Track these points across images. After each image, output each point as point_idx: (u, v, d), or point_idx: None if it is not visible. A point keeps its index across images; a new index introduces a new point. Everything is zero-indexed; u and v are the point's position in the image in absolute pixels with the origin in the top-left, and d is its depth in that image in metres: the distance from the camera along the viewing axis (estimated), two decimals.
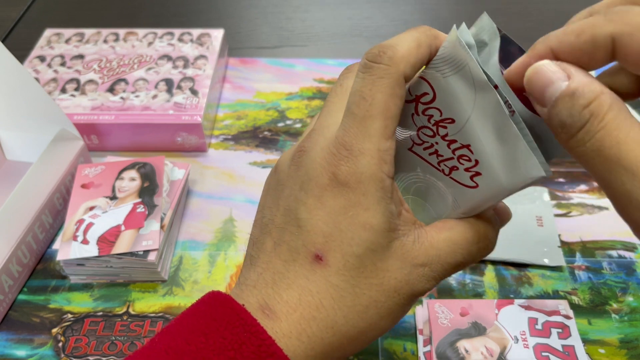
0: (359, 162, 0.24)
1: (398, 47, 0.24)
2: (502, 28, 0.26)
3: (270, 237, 0.27)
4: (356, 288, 0.25)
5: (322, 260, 0.25)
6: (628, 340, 0.40)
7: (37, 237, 0.45)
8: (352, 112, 0.25)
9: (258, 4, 0.77)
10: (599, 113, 0.20)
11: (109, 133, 0.54)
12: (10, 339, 0.41)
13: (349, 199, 0.25)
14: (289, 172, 0.27)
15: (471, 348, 0.39)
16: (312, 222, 0.25)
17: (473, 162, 0.25)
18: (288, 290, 0.25)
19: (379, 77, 0.24)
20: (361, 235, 0.25)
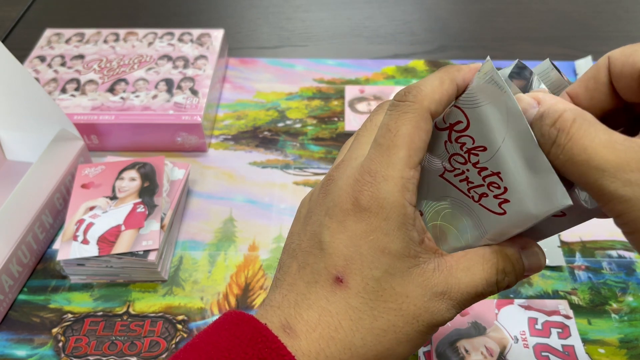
0: (381, 188, 0.26)
1: (422, 86, 0.26)
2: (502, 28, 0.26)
3: (296, 260, 0.28)
4: (374, 311, 0.26)
5: (342, 282, 0.26)
6: (628, 340, 0.40)
7: (37, 237, 0.45)
8: (378, 143, 0.26)
9: (258, 4, 0.77)
10: (565, 127, 0.23)
11: (109, 133, 0.54)
12: (11, 339, 0.41)
13: (371, 223, 0.26)
14: (317, 199, 0.28)
15: (471, 348, 0.39)
16: (334, 245, 0.26)
17: (502, 190, 0.26)
18: (309, 311, 0.26)
19: (403, 112, 0.26)
20: (380, 259, 0.26)
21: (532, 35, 0.70)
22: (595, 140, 0.22)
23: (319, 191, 0.29)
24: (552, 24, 0.72)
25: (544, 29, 0.71)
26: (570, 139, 0.23)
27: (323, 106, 0.60)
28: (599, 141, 0.22)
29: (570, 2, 0.76)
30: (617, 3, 0.76)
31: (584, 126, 0.23)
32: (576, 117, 0.23)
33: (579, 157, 0.22)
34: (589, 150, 0.22)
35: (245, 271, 0.45)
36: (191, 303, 0.43)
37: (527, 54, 0.66)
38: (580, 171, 0.22)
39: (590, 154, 0.22)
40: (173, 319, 0.42)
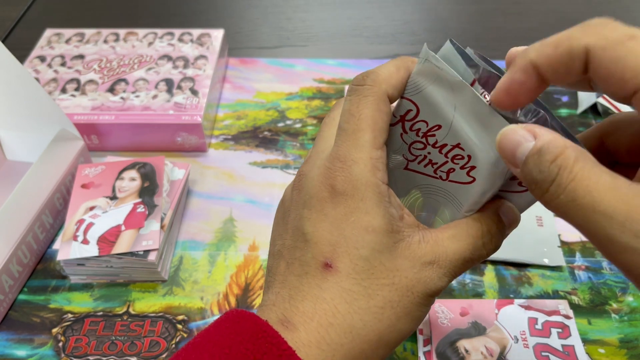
0: (353, 170, 0.26)
1: (379, 71, 0.27)
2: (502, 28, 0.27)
3: (283, 259, 0.28)
4: (368, 289, 0.26)
5: (331, 267, 0.26)
6: (628, 340, 0.40)
7: (37, 237, 0.45)
8: (343, 129, 0.27)
9: (258, 4, 0.77)
10: (567, 165, 0.21)
11: (109, 133, 0.54)
12: (11, 339, 0.41)
13: (349, 205, 0.26)
14: (291, 197, 0.29)
15: (471, 348, 0.39)
16: (318, 234, 0.26)
17: (466, 158, 0.27)
18: (303, 302, 0.26)
19: (364, 96, 0.27)
20: (365, 238, 0.26)
21: (532, 35, 0.70)
22: (600, 182, 0.21)
23: (291, 190, 0.29)
24: (552, 24, 0.72)
25: (544, 29, 0.71)
26: (574, 178, 0.21)
27: (323, 106, 0.60)
28: (604, 184, 0.21)
29: (570, 2, 0.76)
30: (617, 3, 0.76)
31: (588, 166, 0.21)
32: (579, 155, 0.21)
33: (584, 199, 0.21)
34: (594, 193, 0.21)
35: (245, 271, 0.45)
36: (191, 303, 0.43)
37: None
38: (584, 216, 0.21)
39: (596, 197, 0.20)
40: (173, 319, 0.42)
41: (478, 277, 0.44)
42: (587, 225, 0.21)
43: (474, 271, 0.44)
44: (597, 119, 0.58)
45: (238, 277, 0.45)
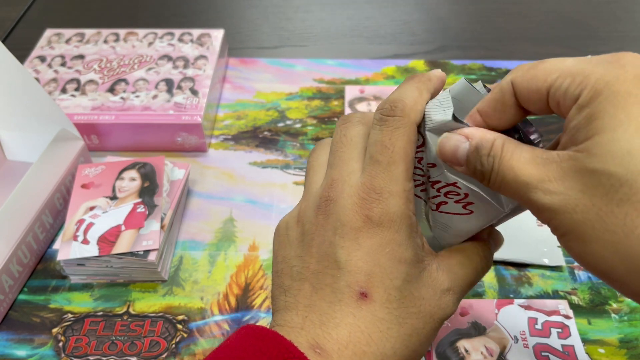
0: (390, 203, 0.27)
1: (405, 99, 0.28)
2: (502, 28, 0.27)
3: (307, 282, 0.28)
4: (399, 318, 0.27)
5: (367, 297, 0.27)
6: (628, 340, 0.40)
7: (37, 237, 0.45)
8: (376, 160, 0.28)
9: (258, 4, 0.77)
10: (497, 154, 0.25)
11: (109, 133, 0.54)
12: (11, 339, 0.41)
13: (384, 237, 0.27)
14: (316, 221, 0.29)
15: (471, 348, 0.39)
16: (352, 263, 0.27)
17: (462, 195, 0.28)
18: (337, 329, 0.26)
19: (395, 128, 0.28)
20: (399, 269, 0.27)
21: (532, 35, 0.70)
22: (520, 159, 0.25)
23: (315, 213, 0.29)
24: (552, 24, 0.72)
25: (544, 29, 0.71)
26: (501, 161, 0.25)
27: (323, 106, 0.60)
28: (524, 159, 0.25)
29: (570, 2, 0.76)
30: (617, 3, 0.76)
31: (511, 148, 0.25)
32: (504, 142, 0.25)
33: (509, 176, 0.25)
34: (515, 168, 0.25)
35: (246, 271, 0.45)
36: (191, 303, 0.43)
37: (527, 54, 0.66)
38: (513, 189, 0.25)
39: (517, 171, 0.25)
40: (173, 319, 0.42)
41: None
42: (516, 196, 0.25)
43: None
44: None
45: (238, 277, 0.45)
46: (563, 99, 0.24)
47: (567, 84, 0.24)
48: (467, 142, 0.26)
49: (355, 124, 0.30)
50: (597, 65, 0.24)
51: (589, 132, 0.23)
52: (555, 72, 0.25)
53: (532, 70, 0.25)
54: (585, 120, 0.23)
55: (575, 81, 0.24)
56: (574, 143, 0.23)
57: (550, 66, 0.25)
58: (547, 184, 0.24)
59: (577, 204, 0.23)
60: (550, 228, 0.25)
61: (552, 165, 0.24)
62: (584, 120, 0.23)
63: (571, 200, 0.23)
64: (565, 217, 0.23)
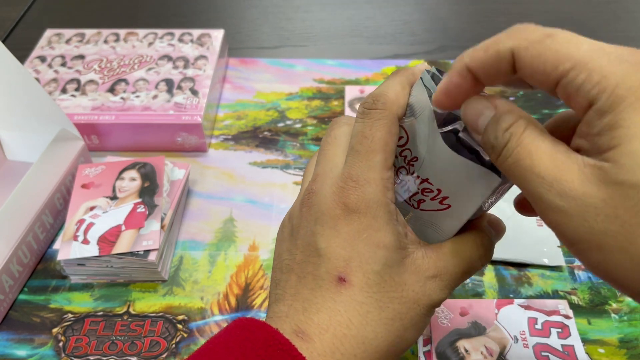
0: (366, 190, 0.28)
1: (388, 93, 0.28)
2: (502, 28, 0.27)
3: (293, 273, 0.29)
4: (380, 302, 0.27)
5: (345, 281, 0.27)
6: (628, 340, 0.40)
7: (37, 237, 0.45)
8: (356, 150, 0.28)
9: (258, 4, 0.77)
10: (517, 133, 0.24)
11: (109, 133, 0.54)
12: (11, 339, 0.41)
13: (361, 222, 0.27)
14: (300, 214, 0.30)
15: (471, 348, 0.39)
16: (331, 250, 0.28)
17: (436, 191, 0.29)
18: (318, 314, 0.27)
19: (376, 120, 0.28)
20: (377, 253, 0.27)
21: None
22: (540, 148, 0.23)
23: (300, 207, 0.30)
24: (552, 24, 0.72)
25: None
26: (520, 143, 0.24)
27: (323, 106, 0.60)
28: (544, 149, 0.23)
29: (570, 2, 0.76)
30: (617, 3, 0.76)
31: (534, 134, 0.24)
32: (528, 124, 0.24)
33: (524, 161, 0.23)
34: (533, 156, 0.23)
35: (246, 271, 0.45)
36: (191, 303, 0.43)
37: None
38: (524, 175, 0.24)
39: (535, 160, 0.23)
40: (173, 318, 0.42)
41: (478, 277, 0.44)
42: (524, 184, 0.24)
43: None
44: None
45: (238, 277, 0.45)
46: (576, 94, 0.23)
47: (582, 80, 0.22)
48: (493, 110, 0.25)
49: (341, 124, 0.31)
50: (617, 64, 0.23)
51: (613, 140, 0.22)
52: (568, 60, 0.23)
53: (540, 47, 0.24)
54: (608, 128, 0.22)
55: (592, 79, 0.22)
56: (596, 150, 0.22)
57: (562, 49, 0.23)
58: (564, 184, 0.22)
59: (598, 213, 0.22)
60: (557, 233, 0.24)
61: (573, 167, 0.22)
62: (606, 128, 0.22)
63: (591, 209, 0.22)
64: (581, 225, 0.22)
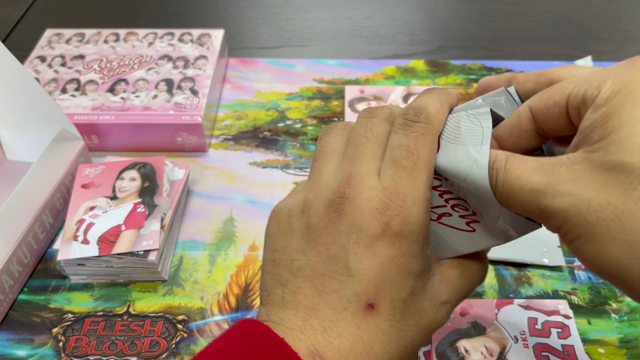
0: (412, 212, 0.26)
1: (429, 108, 0.28)
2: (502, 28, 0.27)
3: (309, 282, 0.27)
4: (400, 331, 0.27)
5: (373, 308, 0.26)
6: (628, 340, 0.40)
7: (37, 237, 0.45)
8: (401, 165, 0.27)
9: (258, 4, 0.77)
10: (501, 166, 0.25)
11: (109, 133, 0.54)
12: (11, 339, 0.41)
13: (401, 248, 0.26)
14: (327, 217, 0.27)
15: (471, 348, 0.39)
16: (364, 272, 0.26)
17: (470, 212, 0.28)
18: (339, 338, 0.25)
19: (420, 134, 0.27)
20: (407, 282, 0.26)
21: (532, 35, 0.70)
22: (526, 167, 0.24)
23: (326, 209, 0.27)
24: (552, 24, 0.72)
25: (544, 29, 0.71)
26: (507, 173, 0.25)
27: (323, 106, 0.60)
28: (530, 167, 0.24)
29: (570, 2, 0.76)
30: (617, 3, 0.76)
31: (517, 160, 0.25)
32: (508, 156, 0.25)
33: (516, 185, 0.24)
34: (522, 177, 0.24)
35: (246, 271, 0.45)
36: (191, 303, 0.43)
37: (527, 54, 0.67)
38: (520, 199, 0.24)
39: (524, 179, 0.24)
40: (173, 318, 0.42)
41: None
42: (525, 206, 0.24)
43: None
44: None
45: (238, 277, 0.45)
46: (583, 104, 0.24)
47: (585, 89, 0.23)
48: None
49: (383, 120, 0.29)
50: (614, 70, 0.24)
51: (606, 130, 0.22)
52: (571, 83, 0.24)
53: (548, 90, 0.25)
54: (602, 119, 0.22)
55: (593, 85, 0.23)
56: (587, 143, 0.23)
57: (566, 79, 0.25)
58: (556, 186, 0.23)
59: (590, 203, 0.22)
60: (561, 235, 0.24)
61: (561, 169, 0.23)
62: (600, 119, 0.22)
63: (584, 201, 0.22)
64: (577, 220, 0.22)
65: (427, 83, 0.62)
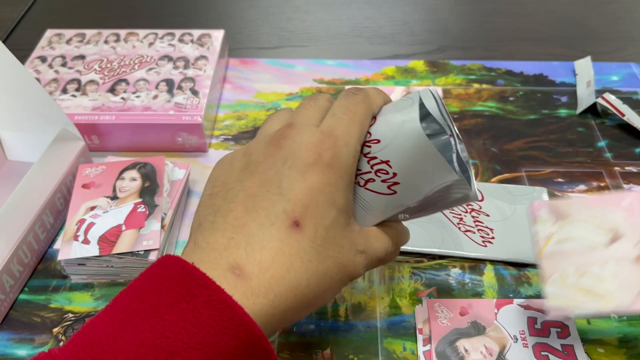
0: (343, 150, 0.29)
1: (368, 89, 0.33)
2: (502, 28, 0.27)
3: (241, 204, 0.29)
4: (320, 255, 0.28)
5: (298, 226, 0.28)
6: (627, 339, 0.40)
7: (38, 237, 0.45)
8: (339, 117, 0.31)
9: (258, 4, 0.77)
10: None
11: (109, 133, 0.54)
12: (11, 339, 0.41)
13: (329, 178, 0.29)
14: (266, 152, 0.30)
15: (470, 347, 0.39)
16: (294, 193, 0.28)
17: (391, 174, 0.31)
18: (261, 252, 0.27)
19: (358, 102, 0.31)
20: (331, 211, 0.29)
21: (532, 35, 0.70)
22: None
23: (265, 145, 0.30)
24: (552, 24, 0.72)
25: (544, 29, 0.71)
26: None
27: None
28: None
29: (570, 2, 0.76)
30: (617, 3, 0.76)
31: None
32: None
33: None
34: None
35: None
36: None
37: (527, 54, 0.67)
38: None
39: None
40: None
41: (477, 276, 0.44)
42: None
43: (474, 271, 0.44)
44: (596, 119, 0.58)
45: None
46: None
47: None
48: None
49: (324, 99, 0.33)
50: None
51: None
52: None
53: None
54: None
55: None
56: None
57: None
58: None
59: None
60: None
61: None
62: None
63: None
64: None
65: (427, 83, 0.62)
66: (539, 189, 0.50)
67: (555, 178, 0.52)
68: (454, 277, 0.44)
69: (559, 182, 0.51)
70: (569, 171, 0.52)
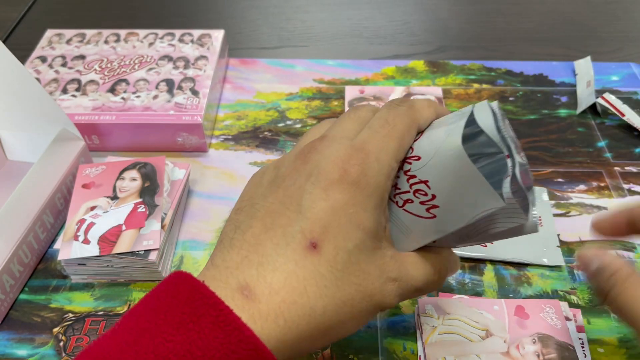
0: (372, 167, 0.27)
1: (415, 101, 0.30)
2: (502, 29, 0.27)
3: (260, 221, 0.27)
4: (339, 282, 0.26)
5: (315, 248, 0.26)
6: (627, 339, 0.40)
7: (38, 236, 0.45)
8: (375, 130, 0.28)
9: (259, 4, 0.77)
10: (619, 280, 0.29)
11: (109, 133, 0.54)
12: (12, 339, 0.41)
13: (354, 196, 0.26)
14: (294, 166, 0.28)
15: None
16: (314, 212, 0.26)
17: (430, 197, 0.28)
18: (274, 273, 0.25)
19: (400, 114, 0.29)
20: (355, 233, 0.26)
21: (532, 35, 0.70)
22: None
23: (294, 159, 0.28)
24: (552, 24, 0.72)
25: (544, 29, 0.71)
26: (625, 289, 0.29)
27: (323, 106, 0.60)
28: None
29: (570, 2, 0.76)
30: (617, 3, 0.76)
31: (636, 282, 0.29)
32: (630, 274, 0.29)
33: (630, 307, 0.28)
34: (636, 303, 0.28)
35: None
36: None
37: (527, 54, 0.67)
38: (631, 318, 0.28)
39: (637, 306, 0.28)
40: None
41: (477, 276, 0.44)
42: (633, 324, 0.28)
43: (474, 271, 0.44)
44: (596, 119, 0.58)
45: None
46: None
47: None
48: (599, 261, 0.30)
49: (367, 110, 0.31)
50: None
51: None
52: None
53: None
54: None
55: None
56: None
57: None
58: None
59: None
60: None
61: None
62: None
63: None
64: None
65: (427, 83, 0.62)
66: (538, 189, 0.50)
67: (555, 178, 0.52)
68: (454, 277, 0.44)
69: (559, 182, 0.51)
70: (569, 171, 0.52)
